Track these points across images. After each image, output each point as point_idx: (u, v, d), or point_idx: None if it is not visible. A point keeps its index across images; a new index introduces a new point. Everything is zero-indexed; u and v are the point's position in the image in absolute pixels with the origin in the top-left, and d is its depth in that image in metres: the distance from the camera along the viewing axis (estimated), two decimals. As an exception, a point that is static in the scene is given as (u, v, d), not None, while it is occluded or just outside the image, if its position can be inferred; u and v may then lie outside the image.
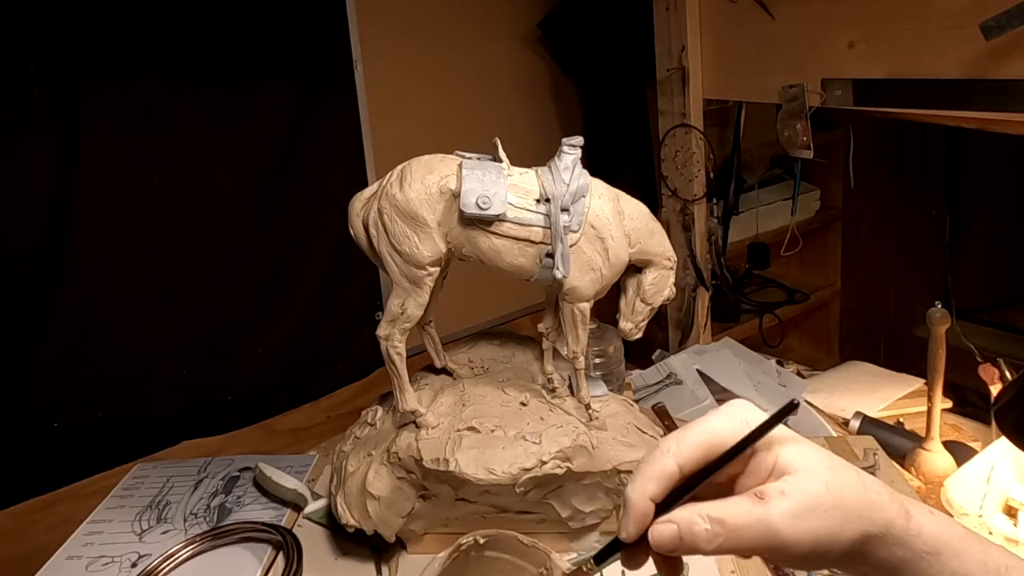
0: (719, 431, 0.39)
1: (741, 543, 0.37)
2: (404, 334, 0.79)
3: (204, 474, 1.04)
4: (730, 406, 0.41)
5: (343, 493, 0.81)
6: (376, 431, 0.86)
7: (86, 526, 0.94)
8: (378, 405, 0.90)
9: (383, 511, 0.79)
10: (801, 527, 0.37)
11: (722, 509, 0.37)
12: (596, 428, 0.83)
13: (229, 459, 1.08)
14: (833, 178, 2.12)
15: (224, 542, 0.88)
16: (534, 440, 0.78)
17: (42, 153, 1.32)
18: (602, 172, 0.82)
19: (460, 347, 0.95)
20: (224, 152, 1.53)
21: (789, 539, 0.37)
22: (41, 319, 1.36)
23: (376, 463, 0.80)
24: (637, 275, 0.84)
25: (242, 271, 1.60)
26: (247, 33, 1.52)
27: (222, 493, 0.99)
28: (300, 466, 1.05)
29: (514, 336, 0.97)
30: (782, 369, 1.34)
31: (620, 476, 0.81)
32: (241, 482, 1.02)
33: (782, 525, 0.37)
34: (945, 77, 1.10)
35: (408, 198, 0.74)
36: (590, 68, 2.08)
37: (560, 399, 0.86)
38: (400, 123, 1.80)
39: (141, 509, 0.97)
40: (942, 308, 1.06)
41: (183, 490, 1.01)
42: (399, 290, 0.77)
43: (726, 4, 1.44)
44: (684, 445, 0.39)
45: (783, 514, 0.37)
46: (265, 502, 0.97)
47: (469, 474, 0.75)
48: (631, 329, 0.86)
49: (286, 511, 0.95)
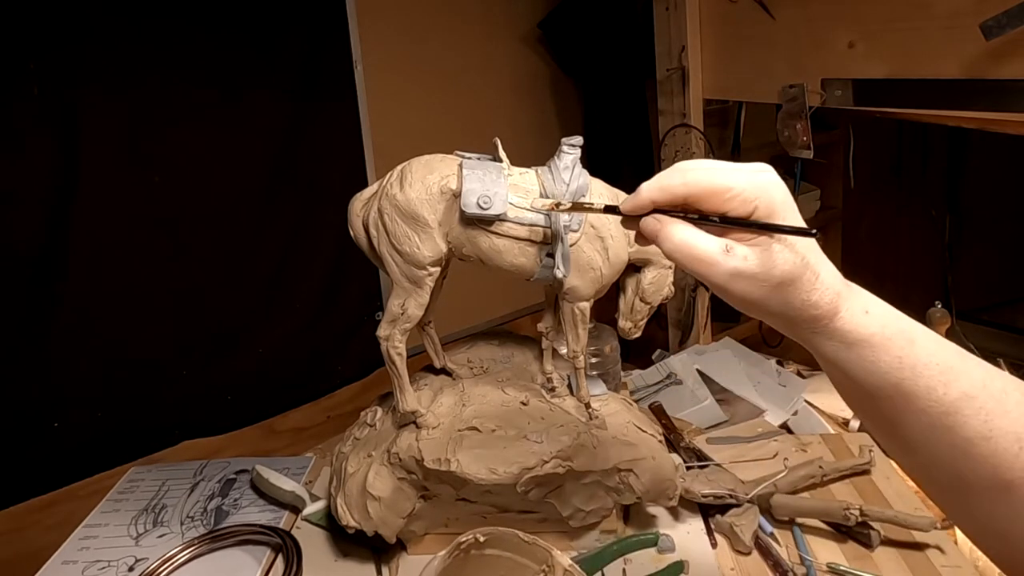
0: (734, 187, 0.43)
1: (693, 270, 0.45)
2: (404, 334, 0.79)
3: (200, 477, 1.03)
4: (756, 171, 0.44)
5: (343, 494, 0.81)
6: (376, 432, 0.86)
7: (81, 530, 0.93)
8: (377, 406, 0.90)
9: (384, 512, 0.79)
10: (738, 286, 0.44)
11: (696, 240, 0.44)
12: (596, 427, 0.83)
13: (225, 461, 1.07)
14: (833, 178, 2.12)
15: (222, 545, 0.87)
16: (536, 439, 0.78)
17: (42, 153, 1.32)
18: (602, 172, 0.82)
19: (459, 347, 0.95)
20: (224, 152, 1.53)
21: (725, 287, 0.44)
22: (41, 319, 1.37)
23: (376, 464, 0.80)
24: (636, 274, 0.84)
25: (242, 271, 1.60)
26: (247, 33, 1.52)
27: (219, 496, 0.98)
28: (297, 468, 1.04)
29: (512, 336, 0.97)
30: (782, 369, 1.34)
31: (620, 474, 0.81)
32: (238, 484, 1.01)
33: (724, 278, 0.44)
34: (945, 77, 1.10)
35: (409, 198, 0.74)
36: (590, 68, 2.08)
37: (559, 398, 0.86)
38: (400, 123, 1.80)
39: (137, 512, 0.96)
40: (942, 308, 1.06)
41: (179, 493, 1.00)
42: (399, 290, 0.77)
43: (726, 4, 1.44)
44: (699, 181, 0.44)
45: (729, 271, 0.43)
46: (263, 504, 0.96)
47: (471, 474, 0.75)
48: (630, 328, 0.86)
49: (284, 513, 0.94)
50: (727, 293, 0.45)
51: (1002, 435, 0.41)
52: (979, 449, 0.41)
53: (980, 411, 0.41)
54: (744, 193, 0.43)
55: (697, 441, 1.06)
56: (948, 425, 0.42)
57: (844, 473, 0.94)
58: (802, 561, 0.80)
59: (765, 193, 0.43)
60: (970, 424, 0.41)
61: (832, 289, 0.44)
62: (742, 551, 0.82)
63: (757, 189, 0.43)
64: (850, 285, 0.46)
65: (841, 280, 0.45)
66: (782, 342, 2.05)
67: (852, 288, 0.46)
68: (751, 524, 0.83)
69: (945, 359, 0.43)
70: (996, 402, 0.42)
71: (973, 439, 0.41)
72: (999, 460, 0.41)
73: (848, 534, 0.84)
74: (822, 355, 0.46)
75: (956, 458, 0.42)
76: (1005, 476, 0.41)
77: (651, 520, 0.88)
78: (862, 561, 0.80)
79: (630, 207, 0.47)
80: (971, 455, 0.41)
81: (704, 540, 0.84)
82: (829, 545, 0.83)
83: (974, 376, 0.43)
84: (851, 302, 0.45)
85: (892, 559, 0.80)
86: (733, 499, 0.86)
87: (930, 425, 0.43)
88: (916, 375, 0.43)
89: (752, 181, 0.44)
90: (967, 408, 0.42)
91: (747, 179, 0.43)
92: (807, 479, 0.91)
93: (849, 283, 0.46)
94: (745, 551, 0.82)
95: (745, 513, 0.85)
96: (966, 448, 0.42)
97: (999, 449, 0.41)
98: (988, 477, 0.41)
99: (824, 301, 0.44)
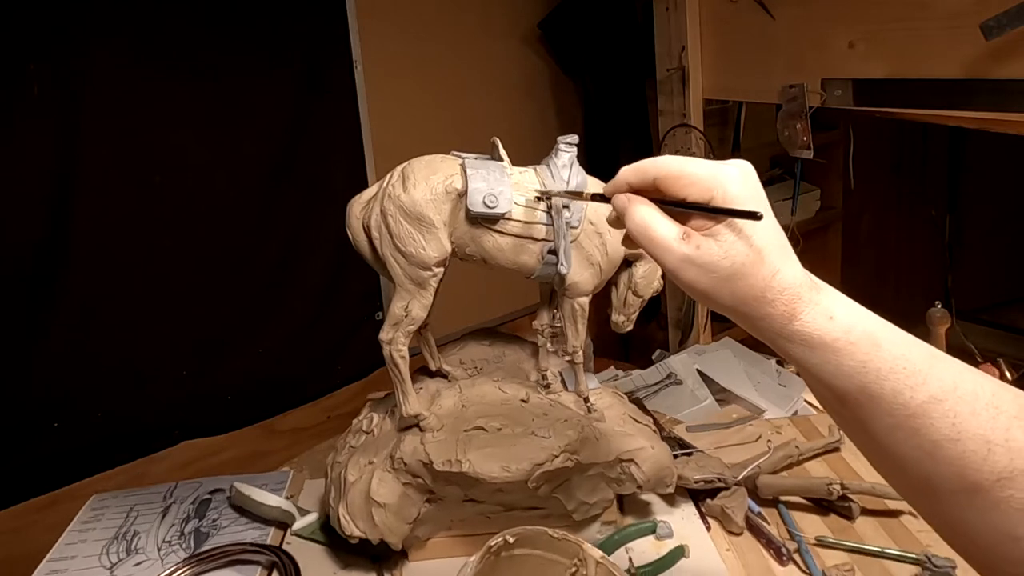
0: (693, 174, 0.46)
1: (650, 251, 0.47)
2: (408, 337, 0.78)
3: (171, 500, 0.98)
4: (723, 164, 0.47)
5: (345, 504, 0.79)
6: (374, 438, 0.84)
7: (46, 564, 0.87)
8: (372, 412, 0.89)
9: (390, 518, 0.78)
10: (689, 272, 0.46)
11: (656, 222, 0.47)
12: (596, 420, 0.84)
13: (196, 482, 1.01)
14: (833, 178, 2.12)
15: (212, 566, 0.83)
16: (544, 434, 0.79)
17: (42, 153, 1.32)
18: (602, 172, 0.82)
19: (449, 349, 0.94)
20: (224, 152, 1.53)
21: (676, 272, 0.46)
22: (41, 319, 1.36)
23: (380, 470, 0.79)
24: (628, 269, 0.86)
25: (242, 271, 1.60)
26: (247, 33, 1.52)
27: (195, 518, 0.94)
28: (276, 484, 0.99)
29: (501, 335, 0.97)
30: (782, 369, 1.34)
31: (622, 465, 0.82)
32: (214, 504, 0.96)
33: (676, 264, 0.46)
34: (945, 77, 1.10)
35: (414, 199, 0.74)
36: (590, 68, 2.08)
37: (555, 394, 0.87)
38: (400, 123, 1.80)
39: (107, 541, 0.90)
40: (942, 308, 1.06)
41: (150, 518, 0.94)
42: (402, 292, 0.76)
43: (726, 4, 1.44)
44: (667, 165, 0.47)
45: (681, 257, 0.45)
46: (245, 522, 0.92)
47: (484, 473, 0.75)
48: (623, 322, 0.88)
49: (270, 530, 0.90)
50: (678, 279, 0.46)
51: (970, 438, 0.40)
52: (946, 452, 0.41)
53: (948, 414, 0.41)
54: (702, 181, 0.45)
55: (678, 430, 1.08)
56: (915, 428, 0.41)
57: (818, 452, 0.99)
58: (792, 537, 0.84)
59: (721, 184, 0.45)
60: (937, 427, 0.41)
61: (791, 290, 0.44)
62: (734, 532, 0.86)
63: (714, 180, 0.45)
64: (819, 287, 0.45)
65: (808, 283, 0.45)
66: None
67: (821, 291, 0.45)
68: (741, 505, 0.87)
69: (912, 363, 0.42)
70: (965, 404, 0.41)
71: (940, 442, 0.41)
72: (966, 462, 0.40)
73: (830, 508, 0.88)
74: (787, 356, 0.46)
75: (923, 460, 0.42)
76: (972, 478, 0.40)
77: (646, 509, 0.90)
78: (846, 532, 0.85)
79: (611, 188, 0.51)
80: (938, 458, 0.41)
81: (698, 524, 0.87)
82: (812, 519, 0.88)
83: (943, 379, 0.42)
84: (813, 306, 0.44)
85: (872, 527, 0.86)
86: (722, 483, 0.89)
87: (896, 427, 0.42)
88: (881, 379, 0.42)
89: (712, 171, 0.46)
90: (934, 411, 0.41)
91: (708, 170, 0.46)
92: (785, 459, 0.95)
93: (819, 285, 0.46)
94: (737, 531, 0.86)
95: (734, 495, 0.88)
96: (933, 451, 0.41)
97: (967, 451, 0.40)
98: (955, 479, 0.41)
99: (781, 300, 0.44)
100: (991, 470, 0.40)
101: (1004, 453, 0.40)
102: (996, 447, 0.40)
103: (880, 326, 0.44)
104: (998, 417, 0.41)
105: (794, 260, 0.46)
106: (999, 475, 0.39)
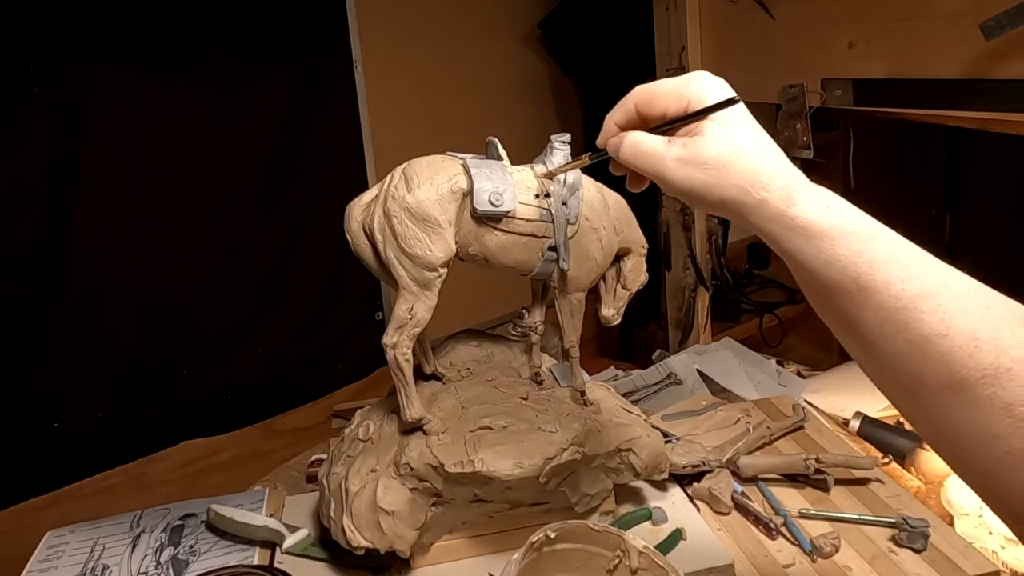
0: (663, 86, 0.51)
1: (646, 167, 0.50)
2: (412, 340, 0.77)
3: (139, 528, 0.92)
4: (689, 78, 0.51)
5: (350, 515, 0.77)
6: (373, 445, 0.83)
7: None
8: (366, 420, 0.87)
9: (398, 525, 0.76)
10: (682, 172, 0.48)
11: (643, 139, 0.51)
12: (593, 412, 0.86)
13: (164, 508, 0.96)
14: (833, 178, 2.12)
15: None
16: (551, 429, 0.79)
17: (42, 152, 1.32)
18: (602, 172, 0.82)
19: (437, 352, 0.93)
20: (224, 152, 1.53)
21: (670, 177, 0.49)
22: (41, 319, 1.36)
23: (384, 477, 0.78)
24: (616, 263, 0.88)
25: (242, 271, 1.60)
26: (248, 33, 1.52)
27: (169, 545, 0.88)
28: (252, 503, 0.95)
29: (487, 335, 0.97)
30: (782, 369, 1.34)
31: (621, 454, 0.84)
32: (188, 530, 0.91)
33: (668, 165, 0.49)
34: (945, 77, 1.10)
35: (419, 200, 0.73)
36: (590, 68, 2.08)
37: (548, 390, 0.88)
38: (400, 123, 1.80)
39: None
40: (942, 308, 1.05)
41: (118, 550, 0.88)
42: (407, 295, 0.75)
43: (726, 4, 1.44)
44: (642, 90, 0.52)
45: (672, 157, 0.49)
46: (226, 545, 0.87)
47: (497, 471, 0.75)
48: (613, 315, 0.89)
49: (255, 551, 0.86)
50: (675, 184, 0.49)
51: (958, 333, 0.41)
52: (935, 346, 0.41)
53: (938, 308, 0.41)
54: (675, 91, 0.50)
55: (653, 420, 1.11)
56: (905, 321, 0.42)
57: (786, 431, 1.07)
58: (777, 512, 0.89)
59: (692, 87, 0.50)
60: (927, 321, 0.41)
61: (783, 175, 0.47)
62: (723, 512, 0.90)
63: (685, 85, 0.50)
64: (812, 184, 0.47)
65: (800, 175, 0.47)
66: (782, 342, 2.05)
67: (815, 185, 0.47)
68: (727, 487, 0.91)
69: (906, 257, 0.43)
70: (956, 301, 0.42)
71: (929, 336, 0.41)
72: (953, 358, 0.41)
73: (805, 482, 0.95)
74: (782, 249, 0.47)
75: (912, 355, 0.42)
76: (959, 374, 0.41)
77: (639, 496, 0.92)
78: (823, 503, 0.92)
79: (603, 139, 0.54)
80: (927, 352, 0.42)
81: (689, 507, 0.90)
82: (791, 494, 0.94)
83: (935, 275, 0.43)
84: (810, 194, 0.46)
85: (846, 497, 0.92)
86: (707, 466, 0.95)
87: (887, 320, 0.43)
88: (874, 270, 0.43)
89: (681, 80, 0.50)
90: (925, 305, 0.42)
91: (677, 80, 0.51)
92: (759, 440, 1.02)
93: (813, 183, 0.47)
94: (726, 511, 0.90)
95: (718, 477, 0.93)
96: (922, 345, 0.42)
97: (954, 347, 0.41)
98: (943, 375, 0.41)
99: (775, 186, 0.46)
100: (976, 367, 0.40)
101: (990, 351, 0.40)
102: (983, 344, 0.40)
103: (874, 222, 0.46)
104: (987, 316, 0.41)
105: (781, 153, 0.48)
106: (984, 372, 0.40)
